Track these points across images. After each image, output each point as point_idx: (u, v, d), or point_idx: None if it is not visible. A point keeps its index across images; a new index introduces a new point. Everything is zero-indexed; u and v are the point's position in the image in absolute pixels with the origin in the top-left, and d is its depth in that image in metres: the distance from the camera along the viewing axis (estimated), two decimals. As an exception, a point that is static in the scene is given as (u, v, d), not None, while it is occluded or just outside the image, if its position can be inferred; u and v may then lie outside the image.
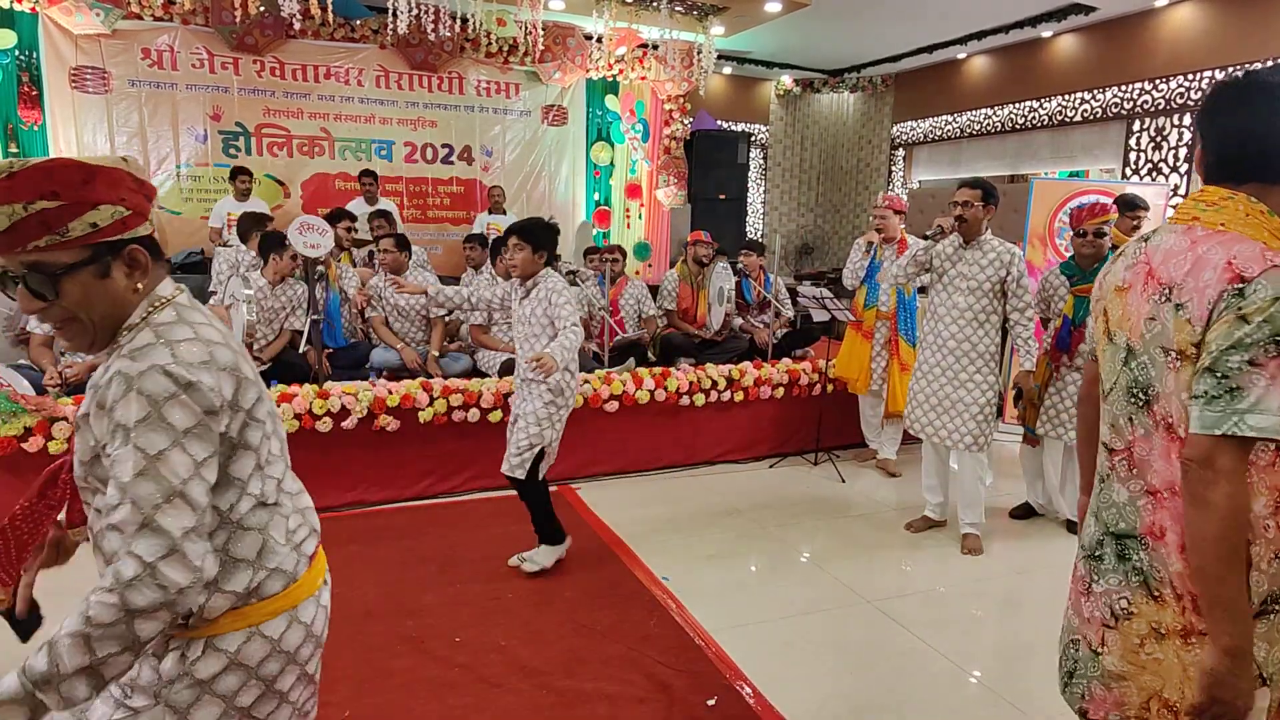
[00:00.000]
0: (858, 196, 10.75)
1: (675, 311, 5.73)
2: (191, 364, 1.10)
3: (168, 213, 7.21)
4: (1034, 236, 5.45)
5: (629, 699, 2.43)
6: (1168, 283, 1.29)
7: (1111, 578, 1.39)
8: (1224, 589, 1.18)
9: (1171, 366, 1.27)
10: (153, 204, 1.24)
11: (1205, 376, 1.19)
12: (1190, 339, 1.23)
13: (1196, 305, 1.22)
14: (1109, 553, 1.41)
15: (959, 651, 2.79)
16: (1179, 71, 6.75)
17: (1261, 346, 1.14)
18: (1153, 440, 1.33)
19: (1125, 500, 1.38)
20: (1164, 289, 1.30)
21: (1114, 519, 1.40)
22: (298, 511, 1.28)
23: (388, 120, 7.90)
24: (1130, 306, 1.37)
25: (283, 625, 1.20)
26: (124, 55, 6.88)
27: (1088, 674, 1.44)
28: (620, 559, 3.41)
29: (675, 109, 8.91)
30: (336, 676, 2.49)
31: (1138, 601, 1.35)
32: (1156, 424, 1.32)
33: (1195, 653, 1.27)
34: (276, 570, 1.19)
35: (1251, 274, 1.17)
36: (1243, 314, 1.16)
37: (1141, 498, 1.35)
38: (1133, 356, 1.35)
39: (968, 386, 3.56)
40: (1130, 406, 1.36)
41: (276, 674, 1.20)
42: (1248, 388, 1.14)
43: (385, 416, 3.87)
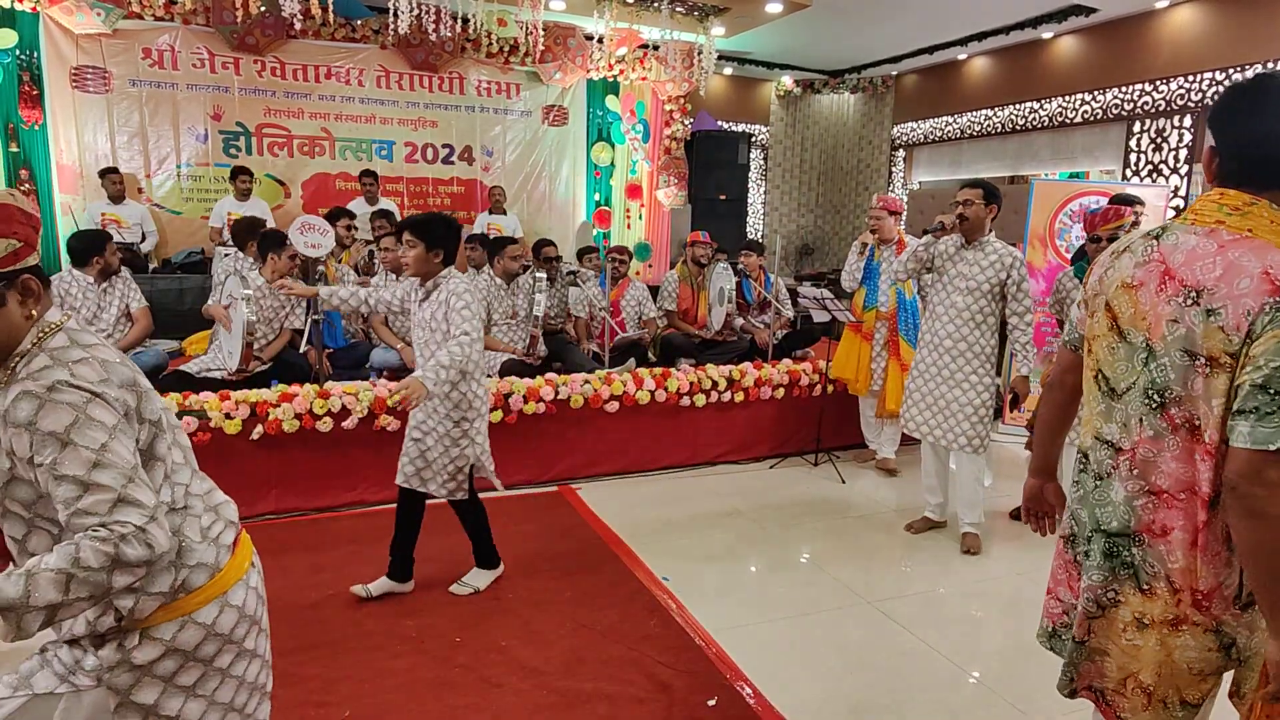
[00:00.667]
0: (858, 197, 10.75)
1: (675, 312, 5.74)
2: (91, 381, 1.18)
3: (168, 213, 7.22)
4: (1034, 237, 5.45)
5: (629, 699, 2.43)
6: (1194, 286, 1.28)
7: (1096, 574, 1.45)
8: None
9: (1200, 371, 1.27)
10: (39, 234, 1.27)
11: (1256, 393, 1.19)
12: (1225, 347, 1.23)
13: (1232, 314, 1.22)
14: (1095, 549, 1.45)
15: (959, 652, 2.80)
16: (1180, 73, 6.75)
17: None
18: (1163, 442, 1.34)
19: (1121, 499, 1.41)
20: (1189, 291, 1.29)
21: (1107, 517, 1.44)
22: (210, 509, 1.36)
23: (388, 120, 7.91)
24: (1144, 305, 1.36)
25: (214, 611, 1.28)
26: (125, 55, 6.89)
27: (1075, 660, 1.53)
28: (620, 559, 3.41)
29: (676, 109, 8.91)
30: (336, 676, 2.49)
31: (1126, 594, 1.42)
32: (1174, 427, 1.33)
33: (1185, 639, 1.36)
34: (198, 565, 1.28)
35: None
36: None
37: (1140, 497, 1.38)
38: (1153, 358, 1.34)
39: (963, 387, 3.55)
40: (1144, 408, 1.36)
41: (214, 654, 1.29)
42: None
43: (386, 416, 3.87)
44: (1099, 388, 1.46)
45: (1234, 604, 1.34)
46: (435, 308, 2.79)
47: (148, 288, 4.64)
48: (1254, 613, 1.33)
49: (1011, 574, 3.47)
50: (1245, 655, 1.36)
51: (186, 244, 7.11)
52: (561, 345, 5.07)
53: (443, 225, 2.83)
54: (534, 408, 4.18)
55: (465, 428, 2.86)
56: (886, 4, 7.23)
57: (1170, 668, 1.38)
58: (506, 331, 4.87)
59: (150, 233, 6.78)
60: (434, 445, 2.88)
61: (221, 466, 3.64)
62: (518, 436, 4.23)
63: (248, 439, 3.66)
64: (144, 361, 4.23)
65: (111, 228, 6.43)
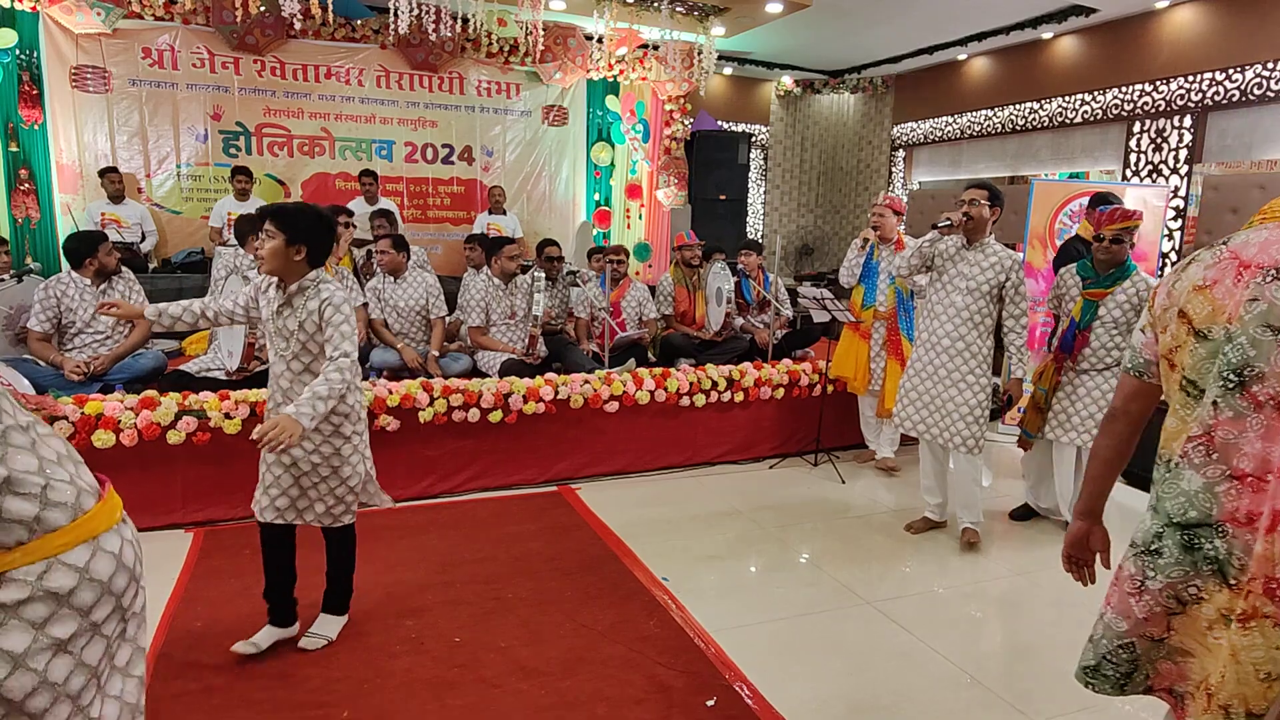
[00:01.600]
0: (858, 197, 10.75)
1: (674, 315, 5.74)
2: None
3: (168, 212, 7.22)
4: (1034, 238, 5.45)
5: (628, 700, 2.42)
6: (1272, 265, 1.29)
7: (1174, 570, 1.37)
8: None
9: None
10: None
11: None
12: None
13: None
14: (1170, 545, 1.37)
15: (958, 652, 2.79)
16: (1179, 73, 6.75)
17: None
18: (1246, 422, 1.30)
19: (1199, 488, 1.34)
20: (1268, 271, 1.29)
21: (1180, 508, 1.36)
22: (72, 461, 1.28)
23: (388, 120, 7.91)
24: (1220, 299, 1.35)
25: (86, 554, 1.19)
26: (124, 55, 6.89)
27: (1152, 658, 1.43)
28: (620, 559, 3.41)
29: (676, 109, 8.91)
30: (335, 676, 2.49)
31: (1209, 589, 1.34)
32: (1256, 405, 1.29)
33: (1252, 637, 1.25)
34: (59, 504, 1.18)
35: None
36: None
37: (1222, 483, 1.32)
38: (1229, 340, 1.32)
39: (959, 387, 3.55)
40: (1219, 390, 1.33)
41: (92, 604, 1.19)
42: None
43: (385, 416, 3.87)
44: (1188, 394, 1.40)
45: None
46: (303, 317, 2.42)
47: (148, 287, 4.62)
48: None
49: (1010, 574, 3.47)
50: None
51: (186, 244, 7.11)
52: (561, 345, 5.07)
53: (312, 218, 2.44)
54: (534, 408, 4.18)
55: (355, 441, 2.57)
56: (887, 4, 7.23)
57: (1235, 671, 1.27)
58: (505, 331, 4.87)
59: (150, 232, 6.78)
60: (311, 471, 2.52)
61: (221, 467, 3.65)
62: (517, 436, 4.23)
63: (247, 439, 3.65)
64: (143, 363, 4.21)
65: (111, 228, 6.44)
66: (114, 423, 3.42)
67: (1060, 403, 3.67)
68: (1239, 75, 6.31)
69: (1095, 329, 3.53)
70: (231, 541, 3.48)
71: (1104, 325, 3.52)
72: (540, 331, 4.86)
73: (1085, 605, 3.20)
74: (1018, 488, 4.40)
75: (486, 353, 4.78)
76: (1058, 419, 3.69)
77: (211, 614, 2.85)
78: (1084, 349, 3.57)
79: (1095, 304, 3.53)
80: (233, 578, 3.13)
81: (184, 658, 2.57)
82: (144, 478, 3.54)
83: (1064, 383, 3.66)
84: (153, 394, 3.59)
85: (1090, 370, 3.58)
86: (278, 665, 2.55)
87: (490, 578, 3.21)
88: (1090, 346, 3.55)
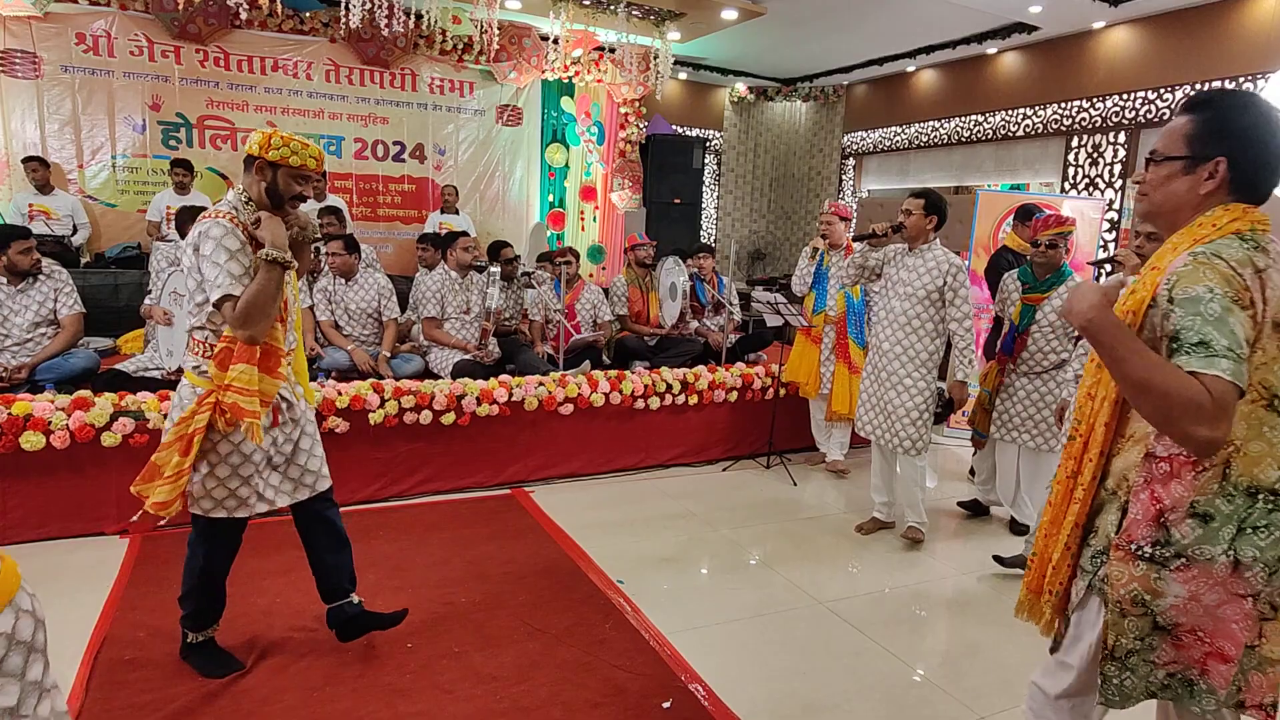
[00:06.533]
0: (809, 204, 10.93)
1: (628, 315, 5.74)
2: None
3: (102, 205, 6.92)
4: (979, 246, 5.62)
5: (584, 703, 2.41)
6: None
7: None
8: None
9: None
10: None
11: None
12: None
13: None
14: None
15: (907, 650, 2.86)
16: (1115, 91, 7.04)
17: None
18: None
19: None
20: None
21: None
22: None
23: (337, 115, 7.73)
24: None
25: (10, 619, 1.14)
26: (56, 39, 6.59)
27: (1243, 667, 1.39)
28: (574, 562, 3.39)
29: (631, 113, 8.93)
30: (285, 684, 2.42)
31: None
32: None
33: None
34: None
35: None
36: None
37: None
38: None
39: (899, 390, 3.64)
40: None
41: (21, 667, 1.14)
42: None
43: (334, 418, 3.78)
44: (1275, 413, 1.34)
45: None
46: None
47: (80, 283, 4.37)
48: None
49: (956, 573, 3.56)
50: None
51: (122, 238, 6.83)
52: (515, 347, 5.02)
53: None
54: (487, 410, 4.13)
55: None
56: (838, 15, 7.38)
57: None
58: (460, 328, 4.80)
59: (82, 225, 6.49)
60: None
61: (159, 470, 3.51)
62: (470, 439, 4.18)
63: (188, 441, 3.52)
64: (74, 364, 3.96)
65: (40, 220, 6.15)
66: (44, 424, 3.26)
67: (1003, 403, 3.79)
68: (1169, 95, 6.61)
69: (1033, 333, 3.66)
70: (171, 548, 3.36)
71: (1041, 329, 3.64)
72: (493, 326, 4.81)
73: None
74: (963, 489, 4.53)
75: (439, 354, 4.71)
76: (1000, 419, 3.81)
77: (154, 623, 2.74)
78: (1023, 352, 3.69)
79: (1033, 308, 3.66)
80: (174, 585, 3.01)
81: (125, 669, 2.47)
82: (76, 481, 3.38)
83: (1005, 384, 3.78)
84: (86, 394, 3.43)
85: (1029, 373, 3.70)
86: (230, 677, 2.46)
87: (443, 582, 3.16)
88: (1028, 350, 3.68)
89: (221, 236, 2.16)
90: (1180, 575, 1.34)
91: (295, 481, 2.45)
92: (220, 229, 2.17)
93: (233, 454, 2.28)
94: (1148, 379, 1.24)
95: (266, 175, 2.27)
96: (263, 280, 2.14)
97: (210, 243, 2.16)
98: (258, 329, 2.14)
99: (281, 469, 2.42)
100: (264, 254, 2.15)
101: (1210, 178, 1.39)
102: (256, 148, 2.25)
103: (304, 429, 2.47)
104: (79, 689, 2.35)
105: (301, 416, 2.46)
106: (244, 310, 2.11)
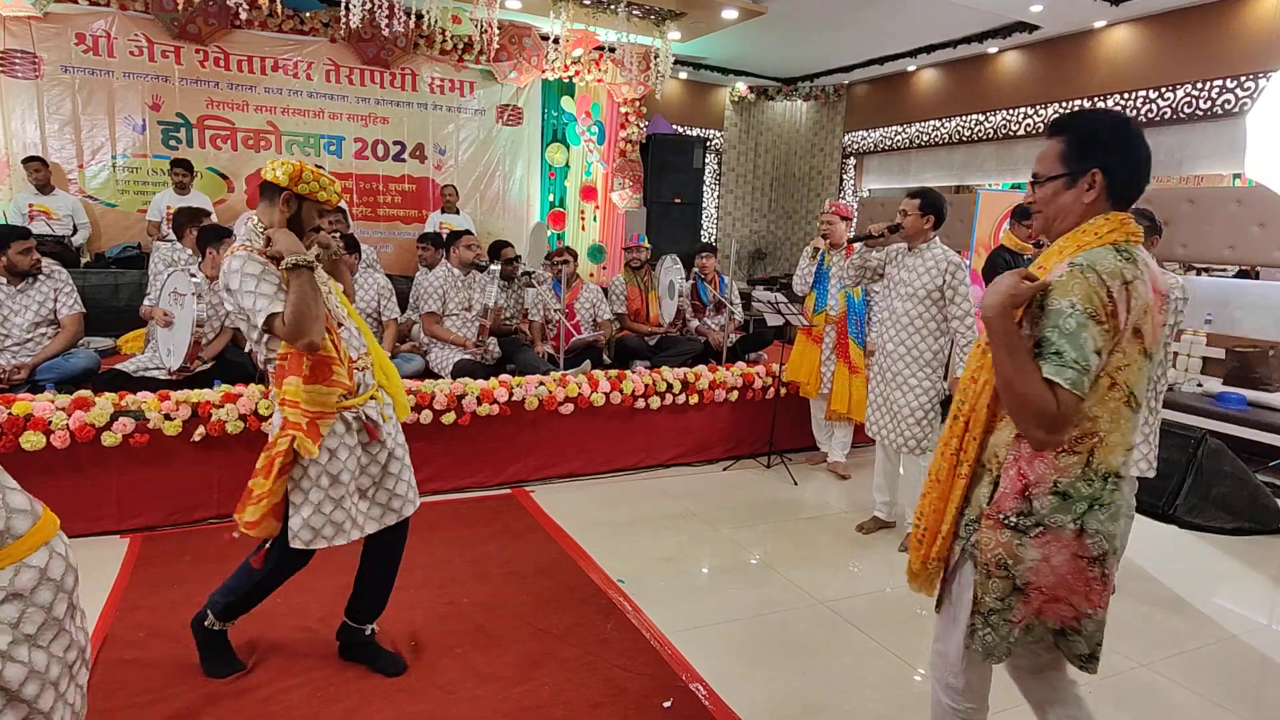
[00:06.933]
0: (810, 203, 10.92)
1: (627, 314, 5.74)
2: None
3: (102, 205, 6.92)
4: (979, 245, 5.61)
5: (585, 703, 2.41)
6: (1166, 292, 1.60)
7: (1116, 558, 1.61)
8: None
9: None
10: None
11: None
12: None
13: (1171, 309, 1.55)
14: (1120, 542, 1.62)
15: (908, 650, 2.85)
16: (1116, 90, 7.04)
17: None
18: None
19: (1130, 487, 1.67)
20: (1165, 298, 1.60)
21: (1127, 509, 1.65)
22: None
23: (337, 115, 7.73)
24: (1156, 322, 1.54)
25: (45, 556, 1.27)
26: (56, 40, 6.59)
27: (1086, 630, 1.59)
28: (575, 562, 3.39)
29: (631, 112, 8.92)
30: (288, 684, 2.42)
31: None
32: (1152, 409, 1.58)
33: None
34: (20, 511, 1.26)
35: None
36: None
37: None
38: (1149, 358, 1.55)
39: (903, 389, 3.62)
40: (1151, 395, 1.61)
41: (50, 601, 1.27)
42: None
43: (334, 418, 3.77)
44: (1130, 409, 1.51)
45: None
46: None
47: (80, 283, 4.37)
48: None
49: (958, 573, 3.55)
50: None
51: (122, 238, 6.83)
52: (516, 347, 5.02)
53: None
54: (488, 409, 4.13)
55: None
56: (839, 14, 7.37)
57: None
58: (460, 326, 4.80)
59: (82, 225, 6.49)
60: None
61: (160, 469, 3.51)
62: (471, 439, 4.18)
63: (189, 441, 3.53)
64: (75, 364, 3.97)
65: (40, 220, 6.15)
66: (44, 424, 3.26)
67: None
68: (1170, 94, 6.61)
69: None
70: (172, 548, 3.36)
71: None
72: (490, 323, 4.81)
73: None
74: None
75: (439, 354, 4.71)
76: None
77: (154, 623, 2.74)
78: None
79: None
80: (174, 585, 3.02)
81: (125, 668, 2.46)
82: (76, 481, 3.38)
83: None
84: (86, 394, 3.43)
85: None
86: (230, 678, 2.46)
87: (444, 582, 3.15)
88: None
89: (241, 266, 2.16)
90: (1037, 541, 1.52)
91: (383, 506, 2.39)
92: (238, 260, 2.17)
93: (321, 476, 2.22)
94: (1013, 380, 1.46)
95: (292, 207, 2.25)
96: (296, 287, 2.12)
97: (235, 277, 2.16)
98: (314, 334, 2.12)
99: (370, 494, 2.36)
100: (285, 263, 2.14)
101: (1090, 188, 1.55)
102: (285, 179, 2.21)
103: (392, 452, 2.39)
104: (79, 689, 2.34)
105: (389, 438, 2.38)
106: (293, 320, 2.10)
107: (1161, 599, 3.39)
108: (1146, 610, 3.27)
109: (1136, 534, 4.06)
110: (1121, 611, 3.23)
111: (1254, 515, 4.15)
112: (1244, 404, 5.04)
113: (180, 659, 2.51)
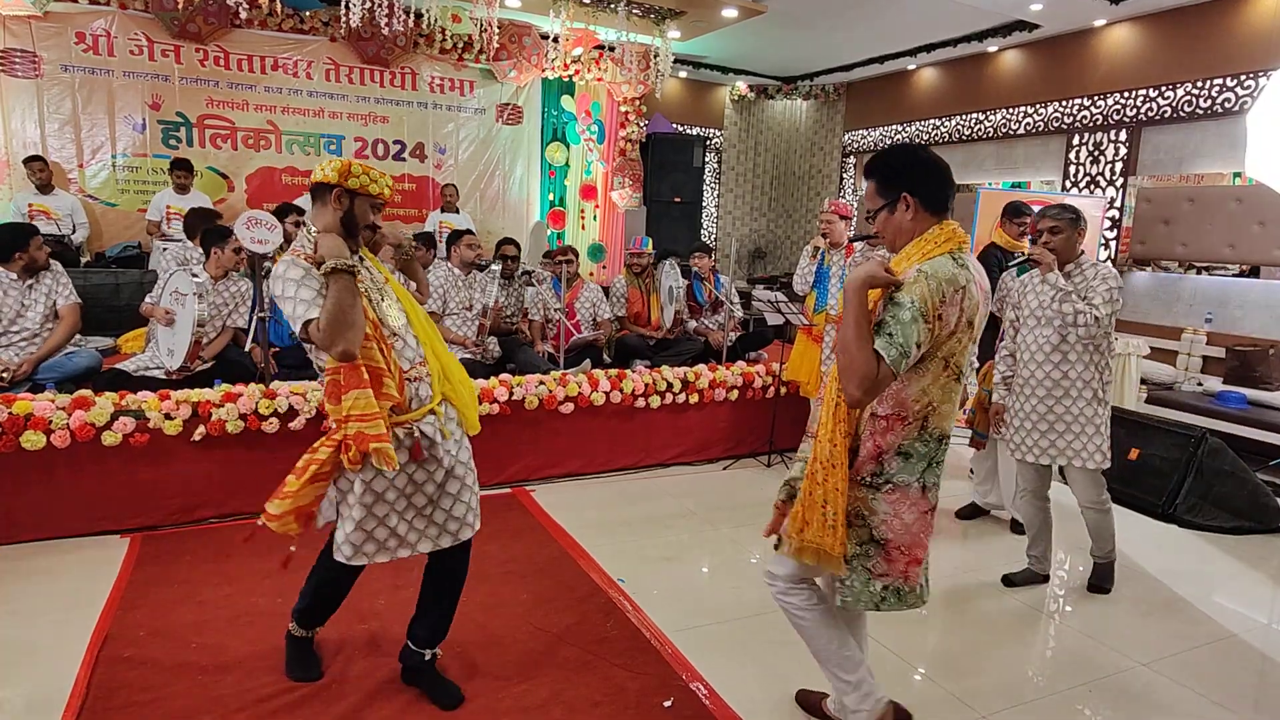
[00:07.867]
0: (809, 202, 10.92)
1: (627, 316, 5.74)
2: None
3: (102, 204, 6.93)
4: (979, 244, 5.60)
5: (586, 702, 2.41)
6: (987, 289, 1.94)
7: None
8: None
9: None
10: None
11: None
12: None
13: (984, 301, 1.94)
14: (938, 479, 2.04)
15: (908, 649, 2.85)
16: (1116, 89, 7.03)
17: None
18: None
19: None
20: (987, 293, 1.94)
21: (940, 463, 2.04)
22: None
23: (337, 114, 7.74)
24: (981, 310, 1.93)
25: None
26: (56, 39, 6.60)
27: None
28: (575, 561, 3.39)
29: (631, 111, 8.92)
30: (288, 683, 2.42)
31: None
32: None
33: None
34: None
35: None
36: None
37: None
38: (974, 341, 1.96)
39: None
40: (967, 374, 1.98)
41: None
42: None
43: (334, 417, 3.77)
44: (957, 382, 1.89)
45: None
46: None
47: (80, 282, 4.38)
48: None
49: (957, 571, 3.56)
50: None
51: (122, 237, 6.84)
52: (515, 346, 5.02)
53: None
54: (488, 409, 4.12)
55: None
56: (839, 13, 7.37)
57: None
58: (460, 325, 4.80)
59: (81, 224, 6.50)
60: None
61: (161, 469, 3.51)
62: (471, 438, 4.17)
63: (189, 440, 3.53)
64: (76, 362, 3.99)
65: (40, 219, 6.15)
66: (44, 423, 3.26)
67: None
68: (1171, 93, 6.60)
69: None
70: (172, 548, 3.36)
71: None
72: (489, 321, 4.80)
73: (1030, 602, 3.30)
74: (963, 488, 4.52)
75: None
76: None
77: (154, 623, 2.74)
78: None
79: None
80: (174, 585, 3.02)
81: (125, 668, 2.47)
82: (76, 481, 3.38)
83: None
84: (87, 393, 3.43)
85: None
86: (233, 672, 2.46)
87: (443, 581, 3.15)
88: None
89: (284, 272, 2.09)
90: (887, 497, 1.92)
91: (439, 527, 2.26)
92: (282, 265, 2.11)
93: (365, 493, 2.14)
94: (851, 343, 1.78)
95: (344, 203, 2.17)
96: (333, 292, 2.03)
97: (278, 282, 2.10)
98: (348, 341, 2.01)
99: (426, 512, 2.24)
100: (325, 268, 2.05)
101: (907, 208, 1.90)
102: (336, 175, 2.14)
103: (451, 470, 2.27)
104: (79, 689, 2.35)
105: (447, 456, 2.25)
106: (326, 327, 2.00)
107: (1161, 598, 3.39)
108: (1146, 610, 3.27)
109: (1136, 533, 4.06)
110: (1121, 611, 3.24)
111: (1254, 514, 4.15)
112: (1244, 403, 5.04)
113: (180, 659, 2.52)
